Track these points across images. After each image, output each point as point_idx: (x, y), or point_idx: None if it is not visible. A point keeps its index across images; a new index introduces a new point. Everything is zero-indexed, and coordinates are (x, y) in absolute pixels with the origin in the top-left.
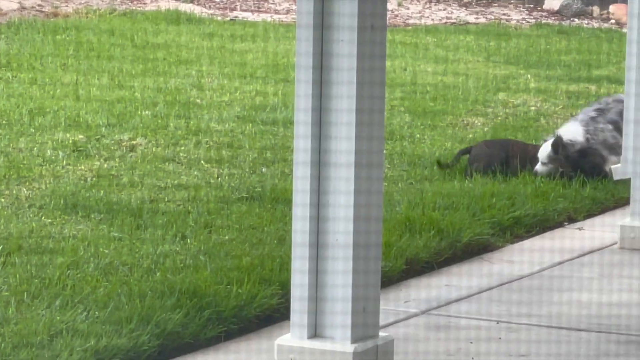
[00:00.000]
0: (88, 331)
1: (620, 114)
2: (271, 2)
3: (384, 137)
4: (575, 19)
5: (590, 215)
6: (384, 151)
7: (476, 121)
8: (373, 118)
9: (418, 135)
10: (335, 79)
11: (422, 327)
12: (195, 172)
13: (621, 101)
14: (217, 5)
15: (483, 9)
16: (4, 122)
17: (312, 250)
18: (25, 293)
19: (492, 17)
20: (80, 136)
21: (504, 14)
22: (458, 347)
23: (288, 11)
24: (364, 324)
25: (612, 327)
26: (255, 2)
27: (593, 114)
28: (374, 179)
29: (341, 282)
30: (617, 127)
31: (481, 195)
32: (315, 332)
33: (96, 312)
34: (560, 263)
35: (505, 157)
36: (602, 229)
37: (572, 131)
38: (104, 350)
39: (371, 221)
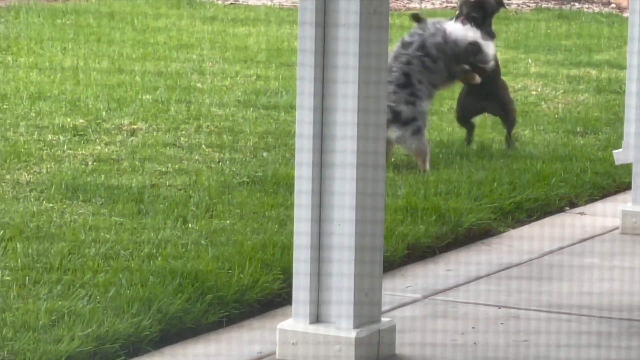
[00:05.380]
0: (89, 316)
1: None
2: None
3: (385, 124)
4: (576, 4)
5: (591, 200)
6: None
7: None
8: (377, 105)
9: None
10: (338, 63)
11: (423, 313)
12: (196, 157)
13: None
14: None
15: None
16: (4, 106)
17: (314, 228)
18: (27, 278)
19: None
20: (81, 120)
21: None
22: (460, 332)
23: None
24: (366, 308)
25: (614, 313)
26: None
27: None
28: (377, 167)
29: (344, 265)
30: None
31: (482, 180)
32: (317, 317)
33: (97, 297)
34: (561, 248)
35: None
36: (603, 214)
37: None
38: (105, 335)
39: (376, 199)
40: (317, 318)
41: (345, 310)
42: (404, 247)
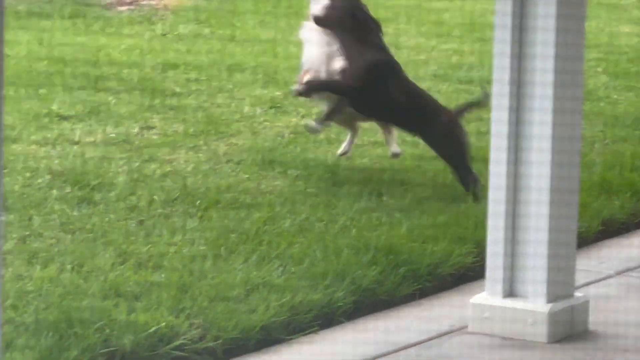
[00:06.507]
0: (284, 286)
1: None
2: None
3: (582, 89)
4: None
5: None
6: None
7: None
8: (574, 78)
9: (615, 96)
10: (534, 40)
11: (617, 288)
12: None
13: None
14: None
15: None
16: (202, 77)
17: (508, 209)
18: (222, 248)
19: None
20: (278, 92)
21: None
22: None
23: None
24: (560, 283)
25: None
26: None
27: None
28: (573, 138)
29: (537, 242)
30: None
31: None
32: (510, 291)
33: (292, 268)
34: None
35: None
36: None
37: None
38: (299, 305)
39: (570, 167)
40: (510, 291)
41: (538, 283)
42: (598, 223)
